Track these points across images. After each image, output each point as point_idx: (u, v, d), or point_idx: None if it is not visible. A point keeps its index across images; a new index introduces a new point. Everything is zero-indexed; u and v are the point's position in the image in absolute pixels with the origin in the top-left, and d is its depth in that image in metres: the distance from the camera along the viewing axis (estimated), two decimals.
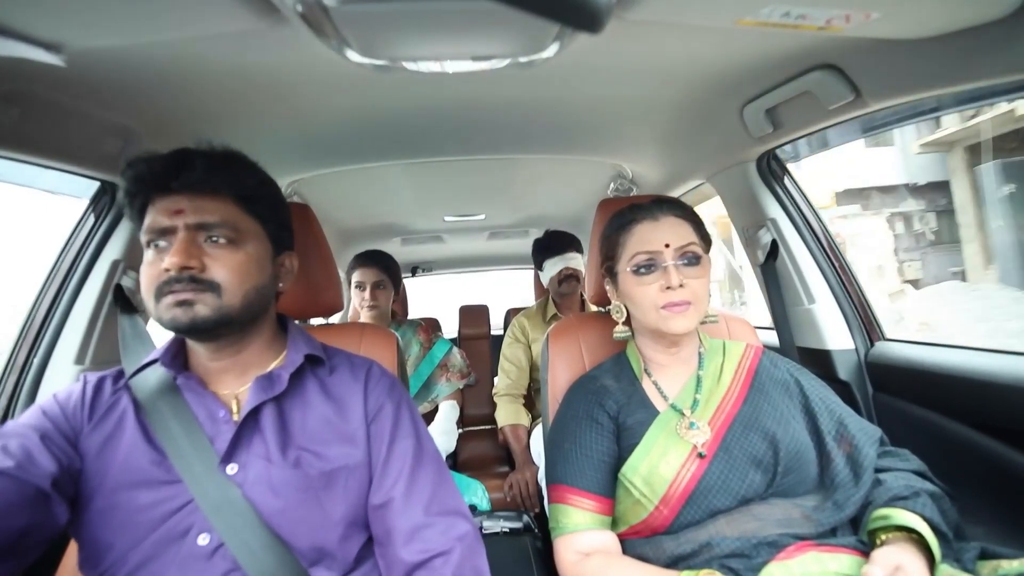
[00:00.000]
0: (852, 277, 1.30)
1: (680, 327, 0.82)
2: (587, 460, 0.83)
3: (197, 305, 0.62)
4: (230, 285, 0.64)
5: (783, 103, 1.03)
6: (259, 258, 0.69)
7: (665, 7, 0.67)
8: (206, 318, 0.62)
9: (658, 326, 0.84)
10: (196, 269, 0.62)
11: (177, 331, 0.65)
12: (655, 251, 0.84)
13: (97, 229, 1.10)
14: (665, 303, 0.81)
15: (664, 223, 0.86)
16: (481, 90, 1.01)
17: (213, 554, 0.61)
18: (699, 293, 0.82)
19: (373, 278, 1.82)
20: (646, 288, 0.84)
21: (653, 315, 0.83)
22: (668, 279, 0.81)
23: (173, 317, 0.62)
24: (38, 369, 1.04)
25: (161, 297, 0.62)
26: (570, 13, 0.37)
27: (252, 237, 0.68)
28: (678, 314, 0.81)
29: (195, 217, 0.63)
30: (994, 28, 0.68)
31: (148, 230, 0.64)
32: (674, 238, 0.83)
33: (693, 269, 0.83)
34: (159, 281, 0.62)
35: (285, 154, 1.31)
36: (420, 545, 0.66)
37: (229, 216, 0.65)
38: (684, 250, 0.83)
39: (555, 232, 1.98)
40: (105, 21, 0.63)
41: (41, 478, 0.58)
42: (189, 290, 0.62)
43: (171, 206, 0.64)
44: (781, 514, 0.74)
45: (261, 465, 0.66)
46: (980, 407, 0.94)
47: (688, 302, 0.81)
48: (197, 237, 0.64)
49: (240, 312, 0.66)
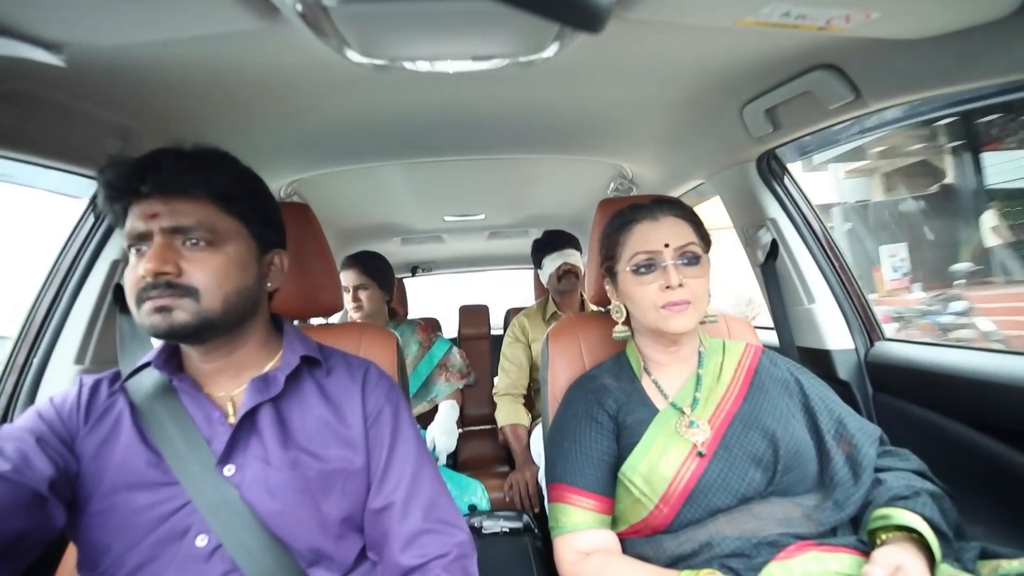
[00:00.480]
0: (852, 277, 1.30)
1: (680, 326, 0.82)
2: (587, 459, 0.83)
3: (175, 311, 0.61)
4: (208, 289, 0.63)
5: (783, 103, 1.03)
6: (241, 259, 0.67)
7: (665, 7, 0.67)
8: (185, 324, 0.61)
9: (658, 325, 0.84)
10: (172, 274, 0.61)
11: (157, 337, 0.64)
12: (655, 251, 0.84)
13: (97, 229, 1.10)
14: (665, 302, 0.82)
15: (664, 223, 0.86)
16: (481, 90, 1.01)
17: (211, 555, 0.61)
18: (698, 292, 0.83)
19: (354, 281, 1.83)
20: (646, 288, 0.84)
21: (653, 314, 0.84)
22: (668, 278, 0.82)
23: (152, 324, 0.61)
24: (38, 369, 1.04)
25: (141, 304, 0.61)
26: (570, 13, 0.37)
27: (232, 238, 0.66)
28: (678, 313, 0.82)
29: (170, 220, 0.62)
30: (994, 28, 0.68)
31: (127, 235, 0.64)
32: (674, 238, 0.84)
33: (692, 269, 0.83)
34: (138, 287, 0.61)
35: (285, 154, 1.31)
36: (417, 551, 0.67)
37: (205, 218, 0.63)
38: (684, 250, 0.84)
39: (553, 231, 1.99)
40: (105, 21, 0.63)
41: (37, 481, 0.58)
42: (167, 295, 0.60)
43: (147, 210, 0.62)
44: (781, 513, 0.74)
45: (259, 467, 0.65)
46: (980, 407, 0.94)
47: (688, 301, 0.82)
48: (174, 241, 0.62)
49: (221, 316, 0.64)
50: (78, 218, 1.11)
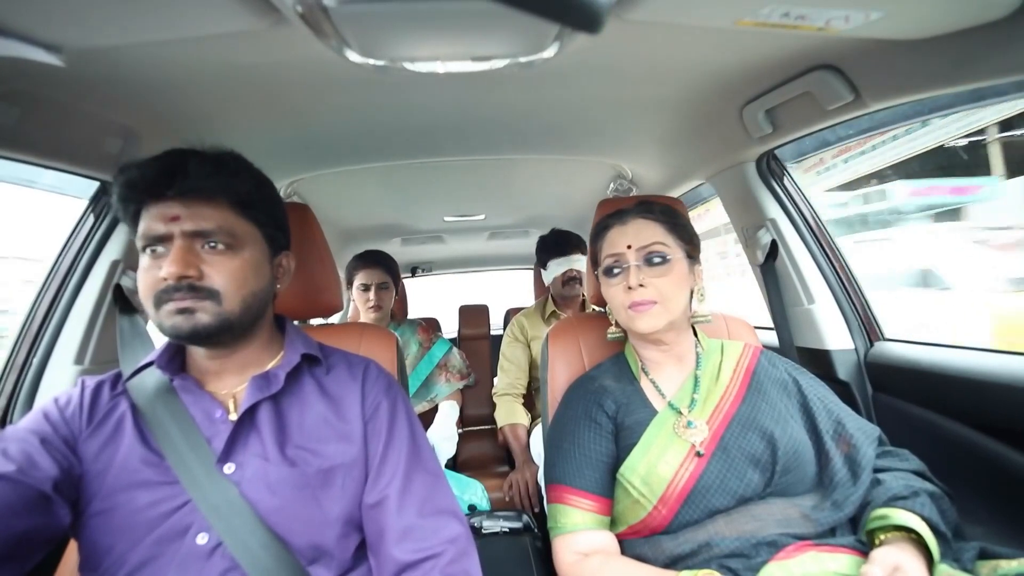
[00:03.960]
0: (852, 277, 1.30)
1: (645, 326, 0.83)
2: (586, 460, 0.83)
3: (198, 313, 0.62)
4: (229, 291, 0.64)
5: (782, 104, 1.03)
6: (256, 262, 0.68)
7: (665, 7, 0.67)
8: (207, 325, 0.62)
9: (628, 325, 0.87)
10: (194, 277, 0.62)
11: (178, 338, 0.64)
12: (619, 253, 0.87)
13: (96, 229, 1.10)
14: (630, 303, 0.84)
15: (630, 226, 0.88)
16: (481, 90, 1.01)
17: (212, 553, 0.61)
18: (665, 292, 0.83)
19: (377, 279, 1.80)
20: (614, 289, 0.87)
21: (623, 315, 0.86)
22: (628, 279, 0.84)
23: (174, 324, 0.62)
24: (37, 369, 1.04)
25: (161, 305, 0.62)
26: (570, 13, 0.37)
27: (249, 242, 0.68)
28: (643, 313, 0.83)
29: (191, 224, 0.63)
30: (994, 28, 0.68)
31: (143, 236, 0.64)
32: (636, 239, 0.86)
33: (656, 268, 0.84)
34: (157, 289, 0.62)
35: (284, 154, 1.31)
36: (413, 545, 0.66)
37: (225, 222, 0.65)
38: (647, 250, 0.85)
39: (561, 232, 1.96)
40: (105, 21, 0.63)
41: (42, 482, 0.58)
42: (189, 298, 0.61)
43: (166, 212, 0.63)
44: (780, 514, 0.74)
45: (258, 463, 0.66)
46: (980, 407, 0.94)
47: (652, 301, 0.83)
48: (194, 244, 0.63)
49: (240, 317, 0.66)
50: (78, 218, 1.11)
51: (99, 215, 1.10)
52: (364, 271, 1.82)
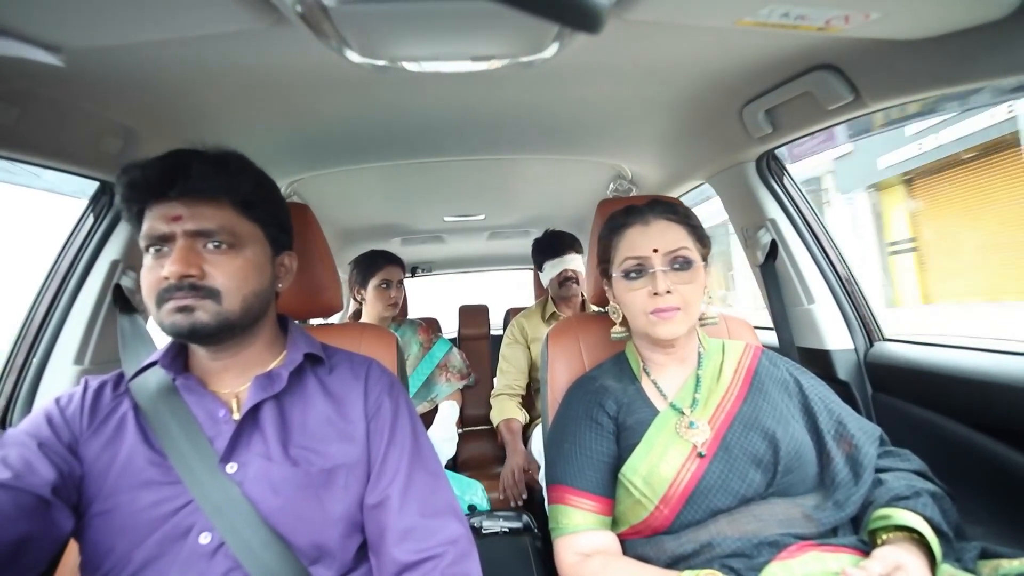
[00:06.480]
0: (852, 277, 1.30)
1: (668, 333, 0.81)
2: (587, 460, 0.83)
3: (198, 311, 0.62)
4: (229, 291, 0.64)
5: (782, 103, 1.03)
6: (258, 262, 0.69)
7: (665, 7, 0.67)
8: (206, 324, 0.63)
9: (647, 331, 0.84)
10: (196, 276, 0.62)
11: (178, 336, 0.65)
12: (643, 256, 0.83)
13: (96, 229, 1.10)
14: (653, 309, 0.81)
15: (654, 227, 0.85)
16: (481, 90, 1.01)
17: (215, 553, 0.61)
18: (689, 298, 0.82)
19: (399, 276, 1.85)
20: (635, 294, 0.84)
21: (642, 320, 0.84)
22: (655, 285, 0.81)
23: (174, 322, 0.62)
24: (37, 369, 1.04)
25: (162, 303, 0.63)
26: (570, 13, 0.37)
27: (251, 241, 0.68)
28: (666, 320, 0.81)
29: (194, 224, 0.63)
30: (994, 28, 0.68)
31: (146, 236, 0.64)
32: (663, 243, 0.83)
33: (683, 274, 0.82)
34: (159, 288, 0.63)
35: (284, 154, 1.31)
36: (413, 545, 0.66)
37: (227, 222, 0.65)
38: (674, 255, 0.83)
39: (555, 232, 1.97)
40: (105, 21, 0.63)
41: (40, 487, 0.58)
42: (190, 297, 0.62)
43: (169, 212, 0.63)
44: (782, 514, 0.74)
45: (261, 463, 0.66)
46: (980, 407, 0.94)
47: (676, 308, 0.81)
48: (196, 244, 0.64)
49: (240, 317, 0.66)
50: (78, 218, 1.11)
51: (98, 215, 1.10)
52: (386, 268, 1.83)
